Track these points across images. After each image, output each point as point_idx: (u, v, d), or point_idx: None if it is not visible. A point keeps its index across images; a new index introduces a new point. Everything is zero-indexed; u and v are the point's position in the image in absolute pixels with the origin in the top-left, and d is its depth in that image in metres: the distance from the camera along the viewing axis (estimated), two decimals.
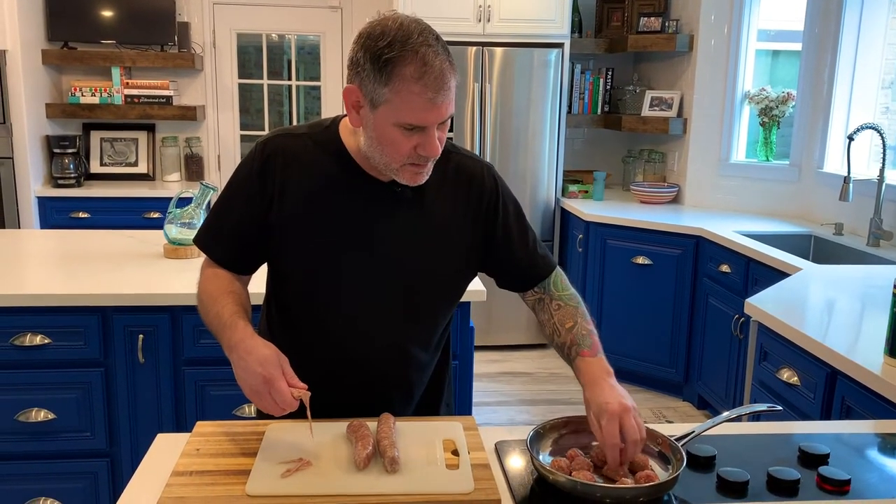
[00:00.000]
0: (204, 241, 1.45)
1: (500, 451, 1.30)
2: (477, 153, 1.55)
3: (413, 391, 1.51)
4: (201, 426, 1.33)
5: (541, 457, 1.23)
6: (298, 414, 1.23)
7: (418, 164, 1.30)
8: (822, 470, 1.22)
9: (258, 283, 1.51)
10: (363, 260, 1.38)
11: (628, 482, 1.17)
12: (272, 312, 1.50)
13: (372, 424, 1.30)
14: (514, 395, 3.89)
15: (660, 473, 1.20)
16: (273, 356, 1.23)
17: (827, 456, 1.28)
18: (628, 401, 1.24)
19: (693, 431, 1.29)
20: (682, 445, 1.24)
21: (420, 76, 1.21)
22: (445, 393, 1.61)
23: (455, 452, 1.25)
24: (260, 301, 1.54)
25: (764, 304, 2.25)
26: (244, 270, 1.45)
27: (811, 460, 1.28)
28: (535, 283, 1.51)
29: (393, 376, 1.46)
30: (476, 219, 1.44)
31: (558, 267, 1.53)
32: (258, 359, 1.22)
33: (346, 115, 1.37)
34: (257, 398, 1.21)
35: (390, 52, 1.21)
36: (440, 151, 1.29)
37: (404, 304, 1.41)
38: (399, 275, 1.39)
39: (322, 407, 1.34)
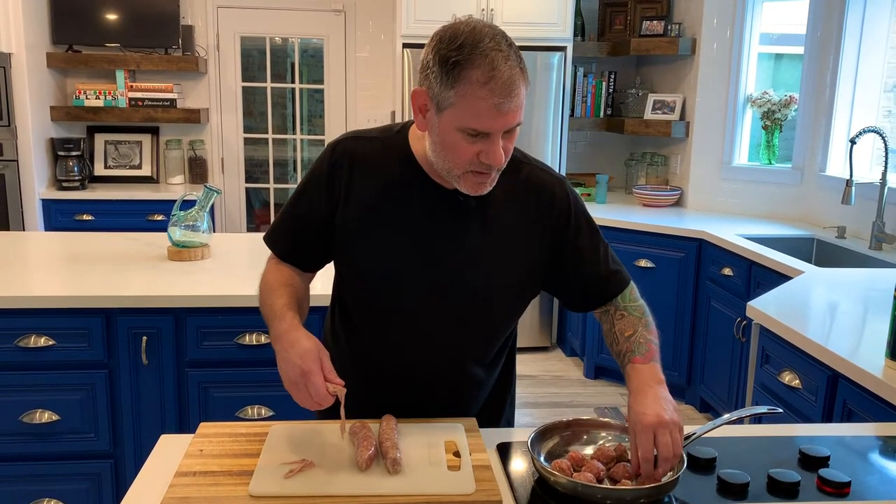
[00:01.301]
0: (270, 236, 1.48)
1: (501, 452, 1.31)
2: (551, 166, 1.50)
3: (467, 404, 1.48)
4: (205, 427, 1.34)
5: (542, 458, 1.24)
6: (333, 411, 1.24)
7: (481, 171, 1.26)
8: (823, 472, 1.23)
9: (327, 283, 1.54)
10: (422, 266, 1.36)
11: (629, 484, 1.17)
12: (336, 313, 1.51)
13: (374, 426, 1.30)
14: (518, 398, 3.87)
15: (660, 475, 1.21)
16: (313, 350, 1.23)
17: (827, 458, 1.29)
18: (668, 414, 1.20)
19: (694, 433, 1.30)
20: (683, 447, 1.24)
21: (487, 81, 1.17)
22: (507, 410, 1.58)
23: (457, 454, 1.25)
24: (326, 302, 1.56)
25: (766, 307, 2.25)
26: (306, 267, 1.47)
27: (811, 462, 1.28)
28: (606, 301, 1.47)
29: (446, 386, 1.44)
30: (544, 233, 1.40)
31: (631, 281, 1.49)
32: (299, 351, 1.22)
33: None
34: (294, 390, 1.22)
35: (459, 56, 1.18)
36: (504, 161, 1.25)
37: (461, 314, 1.39)
38: (458, 284, 1.37)
39: (376, 407, 1.36)
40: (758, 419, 1.91)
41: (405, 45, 4.21)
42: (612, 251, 1.49)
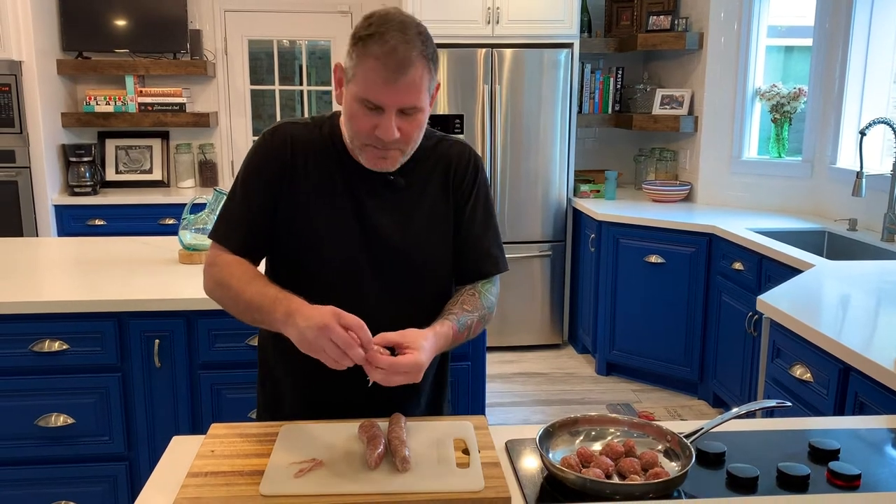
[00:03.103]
0: (220, 231, 1.45)
1: (510, 449, 1.31)
2: (464, 141, 1.57)
3: (416, 388, 1.50)
4: (216, 428, 1.35)
5: (551, 455, 1.24)
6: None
7: (377, 147, 1.33)
8: (833, 465, 1.22)
9: None
10: (355, 246, 1.41)
11: (637, 479, 1.17)
12: None
13: (383, 424, 1.31)
14: (530, 396, 3.89)
15: (670, 469, 1.21)
16: (327, 309, 1.23)
17: (837, 451, 1.28)
18: (424, 353, 1.25)
19: (702, 428, 1.30)
20: (691, 442, 1.24)
21: (380, 56, 1.27)
22: (447, 391, 1.63)
23: (466, 451, 1.26)
24: None
25: (777, 301, 2.24)
26: (255, 259, 1.47)
27: (821, 455, 1.28)
28: (474, 279, 1.50)
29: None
30: (453, 201, 1.48)
31: (499, 276, 1.53)
32: (318, 312, 1.23)
33: None
34: (320, 347, 1.22)
35: (365, 33, 1.30)
36: (393, 136, 1.31)
37: (396, 291, 1.44)
38: (390, 261, 1.43)
39: (326, 406, 1.38)
40: (769, 413, 1.91)
41: None
42: (499, 238, 1.54)
